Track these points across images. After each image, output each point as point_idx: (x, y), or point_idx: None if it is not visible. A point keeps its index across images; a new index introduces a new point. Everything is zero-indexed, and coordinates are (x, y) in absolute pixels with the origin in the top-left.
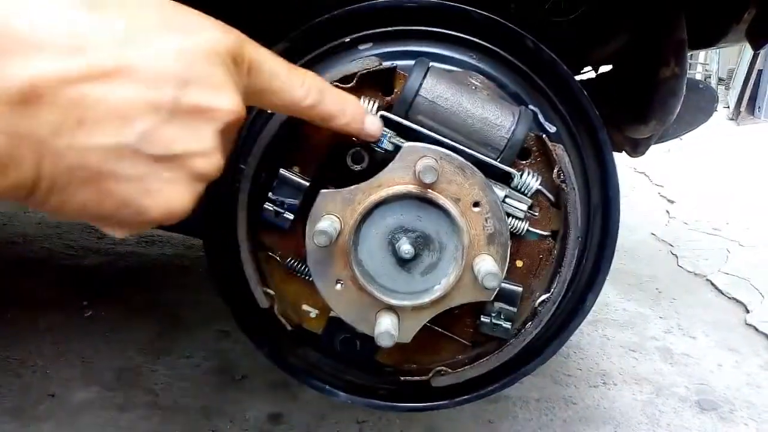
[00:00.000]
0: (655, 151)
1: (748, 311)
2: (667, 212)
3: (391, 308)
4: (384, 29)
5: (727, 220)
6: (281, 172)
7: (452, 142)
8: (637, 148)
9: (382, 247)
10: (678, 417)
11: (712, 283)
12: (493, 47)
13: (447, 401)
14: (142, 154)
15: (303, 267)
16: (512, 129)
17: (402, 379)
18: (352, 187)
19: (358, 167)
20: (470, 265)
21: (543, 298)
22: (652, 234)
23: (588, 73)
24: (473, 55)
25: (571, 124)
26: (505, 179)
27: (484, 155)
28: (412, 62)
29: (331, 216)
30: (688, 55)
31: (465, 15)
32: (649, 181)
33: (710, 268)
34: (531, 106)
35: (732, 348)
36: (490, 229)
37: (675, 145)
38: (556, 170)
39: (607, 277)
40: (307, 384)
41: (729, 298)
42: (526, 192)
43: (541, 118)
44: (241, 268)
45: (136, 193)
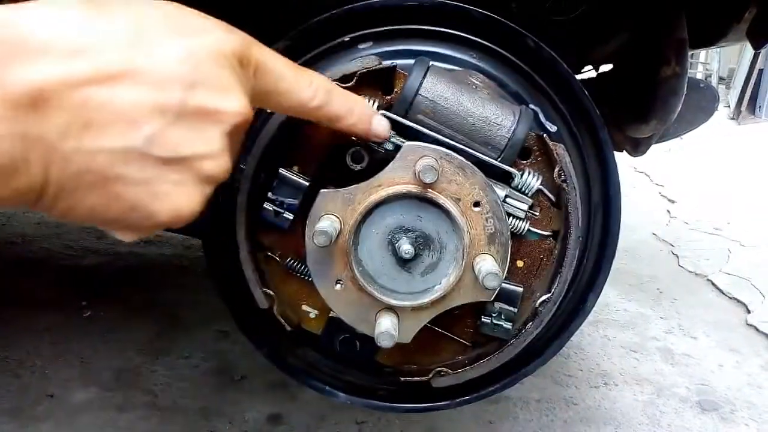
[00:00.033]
0: (655, 150)
1: (749, 311)
2: (668, 212)
3: (391, 308)
4: (384, 28)
5: (728, 219)
6: (281, 171)
7: (452, 142)
8: (637, 148)
9: (382, 247)
10: (679, 417)
11: (713, 284)
12: (493, 46)
13: (447, 402)
14: (149, 157)
15: (303, 267)
16: (513, 128)
17: (402, 379)
18: (352, 187)
19: (357, 167)
20: (471, 265)
21: (544, 298)
22: (653, 234)
23: (589, 73)
24: (473, 54)
25: (571, 124)
26: (506, 179)
27: (485, 155)
28: (412, 61)
29: (331, 216)
30: (689, 54)
31: (465, 14)
32: (649, 181)
33: (711, 268)
34: (532, 106)
35: (733, 348)
36: (491, 229)
37: (676, 145)
38: (556, 170)
39: (608, 278)
40: (307, 384)
41: (730, 298)
42: (527, 192)
43: (542, 118)
44: (240, 268)
45: (144, 196)
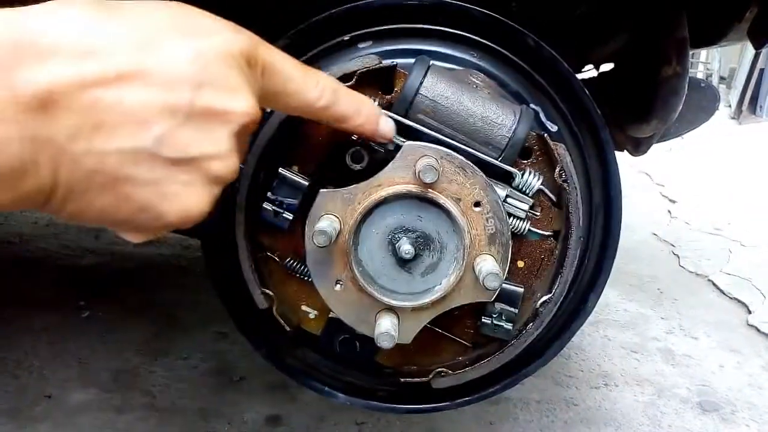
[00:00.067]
0: (656, 150)
1: (750, 312)
2: (669, 212)
3: (391, 309)
4: (384, 27)
5: (728, 219)
6: (281, 171)
7: (453, 141)
8: (638, 147)
9: (382, 248)
10: (679, 418)
11: (714, 284)
12: (494, 45)
13: (447, 403)
14: (158, 157)
15: (302, 267)
16: (513, 128)
17: (402, 380)
18: (352, 187)
19: (357, 167)
20: (471, 266)
21: (544, 298)
22: (654, 234)
23: (589, 72)
24: (474, 54)
25: (572, 123)
26: (507, 179)
27: (485, 154)
28: (412, 60)
29: (331, 216)
30: (690, 53)
31: (465, 13)
32: (650, 181)
33: (712, 268)
34: (532, 105)
35: (734, 349)
36: (492, 229)
37: (676, 145)
38: (557, 170)
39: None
40: (306, 385)
41: (731, 298)
42: (528, 192)
43: (543, 117)
44: (239, 268)
45: (153, 197)
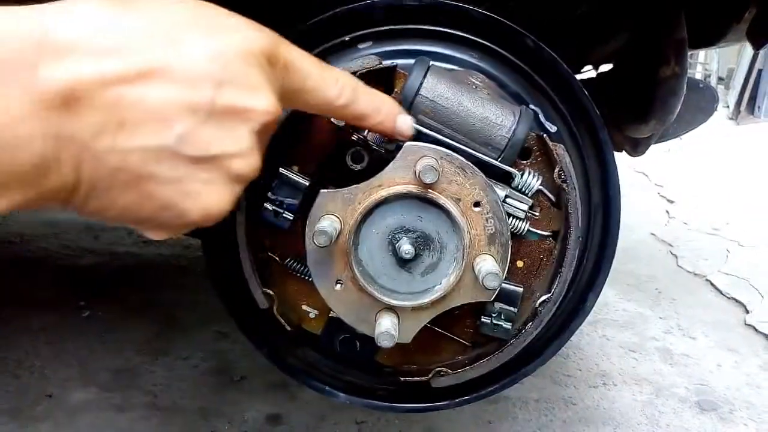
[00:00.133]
0: (654, 150)
1: (747, 311)
2: (667, 212)
3: (391, 309)
4: (384, 28)
5: (726, 219)
6: (281, 171)
7: (453, 142)
8: (637, 148)
9: (383, 247)
10: (678, 417)
11: (712, 284)
12: (493, 46)
13: (447, 402)
14: (180, 155)
15: (302, 267)
16: (513, 128)
17: (402, 379)
18: (352, 187)
19: (357, 167)
20: (471, 266)
21: (543, 298)
22: (652, 234)
23: (588, 73)
24: (474, 54)
25: (571, 124)
26: (506, 179)
27: (485, 155)
28: (412, 61)
29: (331, 216)
30: (689, 54)
31: (465, 14)
32: (648, 181)
33: (710, 268)
34: (532, 106)
35: (731, 348)
36: (491, 229)
37: (675, 145)
38: (556, 170)
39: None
40: (307, 384)
41: (729, 298)
42: (527, 192)
43: (542, 118)
44: (239, 268)
45: (175, 195)
